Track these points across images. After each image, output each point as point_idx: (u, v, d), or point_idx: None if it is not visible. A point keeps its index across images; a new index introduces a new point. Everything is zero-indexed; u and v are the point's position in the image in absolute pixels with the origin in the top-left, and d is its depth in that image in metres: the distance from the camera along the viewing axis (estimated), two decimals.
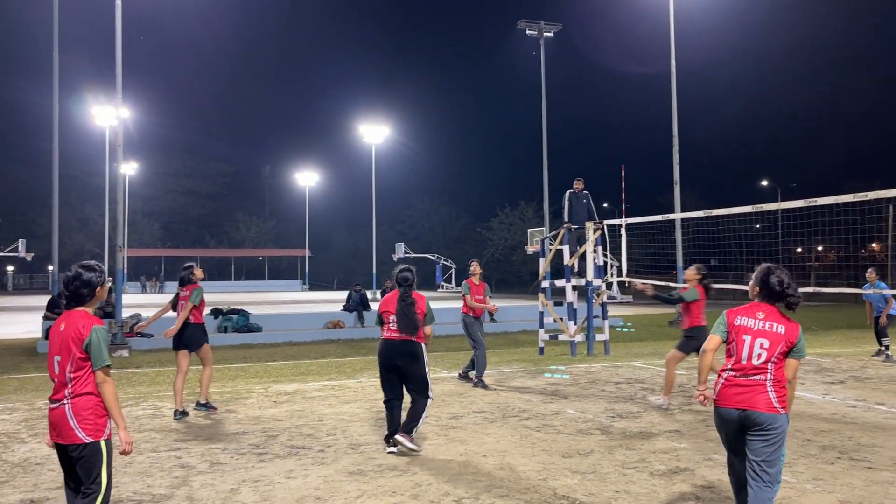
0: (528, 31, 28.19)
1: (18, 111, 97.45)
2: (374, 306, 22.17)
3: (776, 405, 3.74)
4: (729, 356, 3.91)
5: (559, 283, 14.02)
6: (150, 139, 70.24)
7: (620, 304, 32.70)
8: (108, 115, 34.70)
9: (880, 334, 12.45)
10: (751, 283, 4.04)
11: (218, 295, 36.23)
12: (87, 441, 3.55)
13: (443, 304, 20.24)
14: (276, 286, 62.39)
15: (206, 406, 8.04)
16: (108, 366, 3.60)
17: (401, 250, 51.88)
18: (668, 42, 22.58)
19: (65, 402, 3.59)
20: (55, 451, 3.70)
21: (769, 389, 3.77)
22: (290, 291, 56.05)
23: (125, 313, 15.96)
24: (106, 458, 3.60)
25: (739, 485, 3.98)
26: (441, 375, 10.68)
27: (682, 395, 8.86)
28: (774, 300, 3.91)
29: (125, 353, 14.22)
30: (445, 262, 50.34)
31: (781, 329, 3.82)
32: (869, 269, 12.64)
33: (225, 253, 71.63)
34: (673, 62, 22.31)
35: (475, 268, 10.24)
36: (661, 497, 4.89)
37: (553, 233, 14.98)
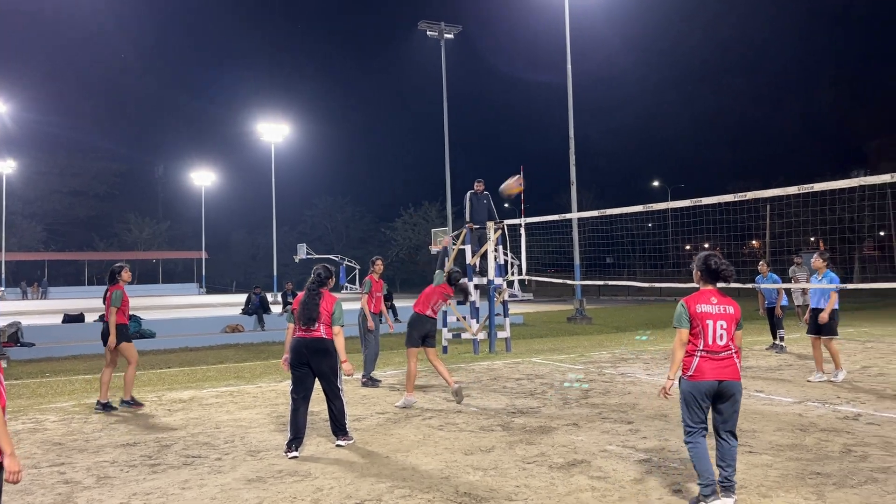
0: (428, 32, 28.33)
1: None
2: (276, 309, 21.71)
3: (737, 374, 4.55)
4: (696, 338, 4.56)
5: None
6: (30, 136, 66.04)
7: (521, 301, 33.40)
8: None
9: (777, 325, 12.98)
10: (694, 271, 4.74)
11: None
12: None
13: (348, 306, 20.03)
14: (170, 290, 59.91)
15: (131, 403, 8.31)
16: None
17: (302, 251, 50.95)
18: (565, 47, 23.24)
19: None
20: None
21: (735, 362, 4.55)
22: (185, 295, 53.92)
23: (2, 321, 14.90)
24: None
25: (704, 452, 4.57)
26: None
27: (579, 388, 9.13)
28: (714, 279, 4.64)
29: (3, 363, 13.27)
30: (349, 263, 49.90)
31: (731, 309, 4.58)
32: (760, 262, 13.29)
33: (115, 256, 68.00)
34: (569, 66, 22.99)
35: (380, 265, 10.22)
36: (560, 489, 5.02)
37: (455, 233, 15.13)
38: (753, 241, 30.58)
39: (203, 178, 63.42)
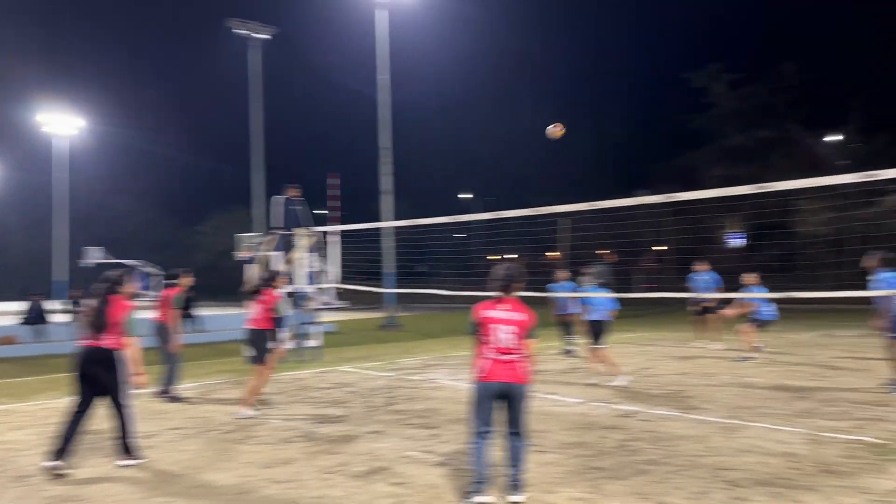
0: (240, 31, 27.36)
1: None
2: (60, 318, 19.73)
3: (525, 377, 4.81)
4: (485, 342, 4.84)
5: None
6: None
7: (336, 309, 33.10)
8: None
9: (569, 332, 13.83)
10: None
11: None
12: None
13: (146, 315, 18.71)
14: None
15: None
16: None
17: (96, 255, 46.83)
18: (381, 54, 23.48)
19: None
20: None
21: (522, 365, 4.80)
22: None
23: None
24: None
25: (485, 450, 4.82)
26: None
27: (385, 395, 9.22)
28: (503, 289, 4.91)
29: None
30: (149, 269, 46.62)
31: (522, 316, 4.85)
32: (558, 271, 14.09)
33: None
34: (384, 76, 23.25)
35: (189, 280, 9.69)
36: (360, 497, 5.03)
37: (264, 238, 14.71)
38: (554, 252, 32.74)
39: None
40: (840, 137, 34.29)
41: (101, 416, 6.04)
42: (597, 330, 9.95)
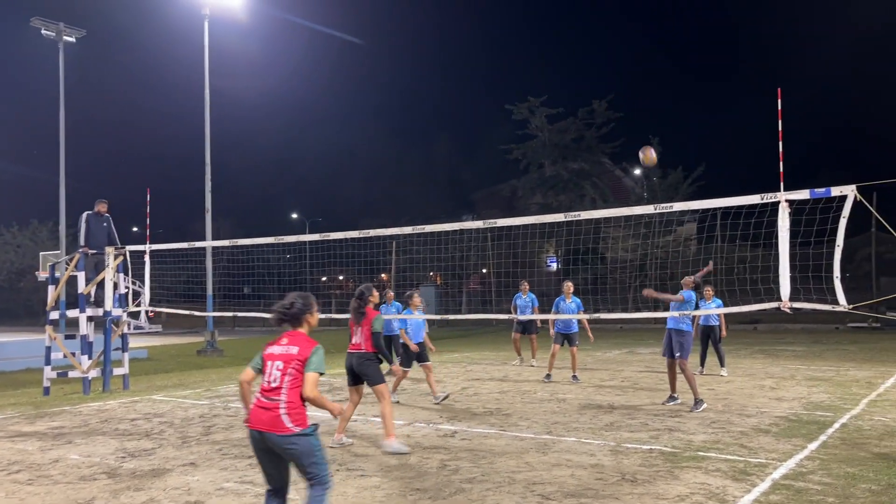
0: (43, 31, 25.10)
1: None
2: None
3: (286, 425, 3.99)
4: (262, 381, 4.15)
5: (72, 313, 12.62)
6: None
7: (148, 333, 30.95)
8: None
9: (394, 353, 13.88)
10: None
11: None
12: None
13: None
14: None
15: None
16: None
17: None
18: (203, 73, 22.56)
19: None
20: None
21: (280, 411, 3.98)
22: None
23: None
24: None
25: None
26: None
27: (202, 424, 8.74)
28: (288, 321, 4.25)
29: None
30: None
31: (295, 350, 4.09)
32: (387, 293, 14.14)
33: None
34: (207, 94, 22.32)
35: None
36: None
37: (68, 257, 13.48)
38: (382, 274, 32.92)
39: None
40: (641, 172, 37.64)
41: None
42: (403, 350, 10.02)
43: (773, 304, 7.46)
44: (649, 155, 9.97)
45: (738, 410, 9.13)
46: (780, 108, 7.18)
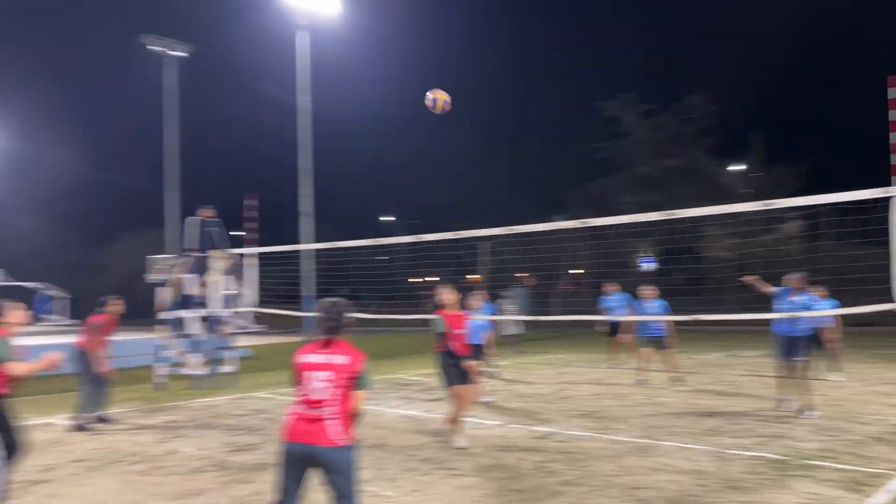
0: (155, 48, 26.65)
1: None
2: None
3: (338, 439, 3.87)
4: (298, 392, 4.00)
5: (182, 314, 13.34)
6: None
7: (253, 333, 32.26)
8: None
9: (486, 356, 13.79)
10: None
11: None
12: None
13: (52, 340, 17.75)
14: None
15: None
16: None
17: None
18: (302, 76, 23.33)
19: None
20: None
21: (332, 423, 3.87)
22: None
23: None
24: None
25: None
26: (43, 422, 9.29)
27: None
28: (329, 330, 4.08)
29: None
30: (53, 292, 44.28)
31: (342, 360, 3.94)
32: (475, 294, 14.14)
33: None
34: (305, 97, 23.08)
35: (120, 307, 9.22)
36: None
37: (178, 261, 14.26)
38: (474, 276, 33.06)
39: None
40: (743, 167, 36.14)
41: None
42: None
43: (889, 306, 7.03)
44: (440, 98, 9.24)
45: (851, 417, 8.64)
46: (889, 97, 6.75)
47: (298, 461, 3.88)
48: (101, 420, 8.87)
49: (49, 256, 63.54)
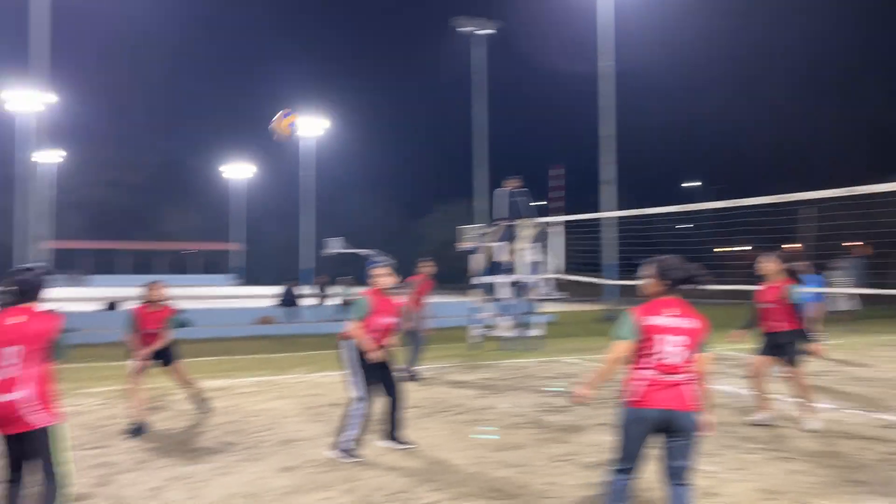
0: (463, 29, 28.29)
1: None
2: (308, 302, 21.94)
3: (695, 403, 3.82)
4: (643, 356, 3.87)
5: (493, 279, 14.17)
6: (75, 127, 67.42)
7: (555, 300, 33.21)
8: (28, 100, 33.10)
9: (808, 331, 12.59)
10: (646, 279, 4.07)
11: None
12: (44, 426, 3.73)
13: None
14: (204, 280, 60.86)
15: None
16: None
17: (336, 245, 51.31)
18: (604, 42, 23.04)
19: (18, 392, 3.66)
20: None
21: (690, 388, 3.82)
22: (218, 286, 54.78)
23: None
24: (60, 440, 3.81)
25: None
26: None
27: (611, 388, 9.05)
28: (677, 286, 3.96)
29: None
30: (382, 258, 49.99)
31: (693, 324, 3.88)
32: (801, 263, 12.92)
33: (151, 245, 69.47)
34: (604, 63, 22.78)
35: (431, 267, 10.25)
36: (593, 488, 5.00)
37: (487, 229, 15.14)
38: (791, 244, 29.97)
39: (238, 172, 64.28)
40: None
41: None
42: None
43: None
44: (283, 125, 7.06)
45: None
46: None
47: (651, 427, 3.80)
48: (408, 373, 9.68)
49: (376, 227, 71.86)
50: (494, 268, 14.03)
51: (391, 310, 5.97)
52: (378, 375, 5.91)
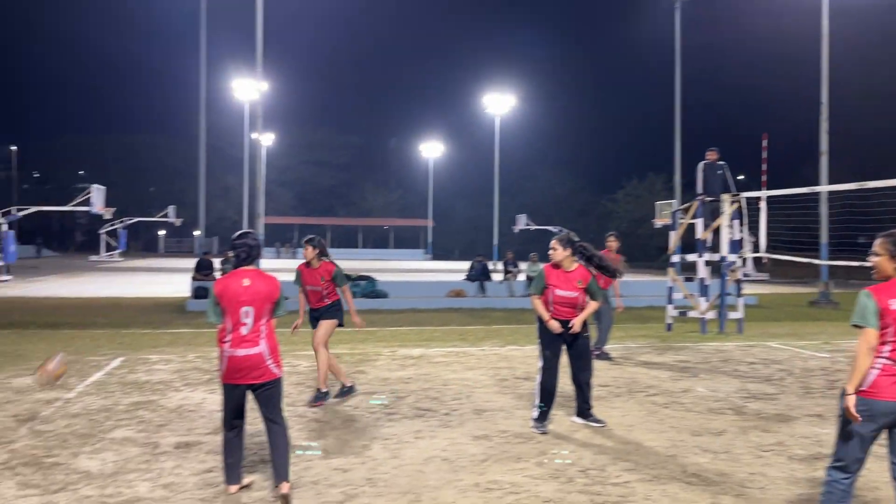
0: None
1: (168, 85, 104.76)
2: (496, 277, 22.32)
3: None
4: (882, 343, 3.45)
5: (690, 257, 13.50)
6: (285, 111, 73.41)
7: (755, 281, 31.02)
8: (248, 88, 36.54)
9: None
10: (881, 255, 3.61)
11: (345, 262, 37.50)
12: (279, 375, 4.26)
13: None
14: (400, 255, 63.95)
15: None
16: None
17: (522, 222, 51.58)
18: (818, 4, 20.91)
19: (260, 346, 4.18)
20: (224, 395, 4.26)
21: None
22: (413, 260, 57.34)
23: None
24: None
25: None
26: None
27: (824, 377, 8.33)
28: None
29: None
30: (557, 232, 49.43)
31: None
32: None
33: (353, 222, 74.15)
34: (825, 22, 20.65)
35: (615, 243, 10.01)
36: (802, 482, 4.65)
37: (685, 205, 14.40)
38: None
39: (431, 150, 66.56)
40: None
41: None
42: None
43: None
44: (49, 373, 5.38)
45: None
46: None
47: (883, 421, 3.44)
48: (597, 351, 9.47)
49: (563, 203, 71.28)
50: (694, 245, 13.35)
51: (567, 283, 5.90)
52: (562, 348, 5.92)
